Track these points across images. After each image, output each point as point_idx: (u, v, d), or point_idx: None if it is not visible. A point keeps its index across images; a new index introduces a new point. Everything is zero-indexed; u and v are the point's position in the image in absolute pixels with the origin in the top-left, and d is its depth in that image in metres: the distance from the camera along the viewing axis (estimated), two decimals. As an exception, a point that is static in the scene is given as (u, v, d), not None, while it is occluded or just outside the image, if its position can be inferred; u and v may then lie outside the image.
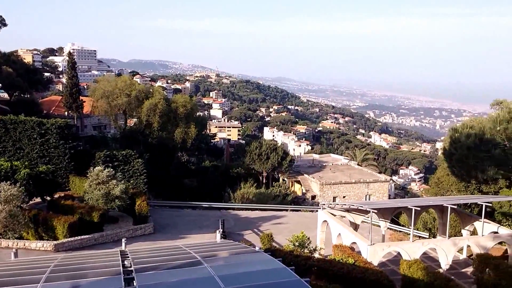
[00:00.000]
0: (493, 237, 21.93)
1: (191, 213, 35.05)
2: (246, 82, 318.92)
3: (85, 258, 14.66)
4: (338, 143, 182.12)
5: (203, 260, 12.55)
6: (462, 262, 24.00)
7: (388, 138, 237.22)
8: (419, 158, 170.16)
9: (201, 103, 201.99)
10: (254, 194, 41.16)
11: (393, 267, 22.20)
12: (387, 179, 62.47)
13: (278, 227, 31.37)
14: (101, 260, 13.84)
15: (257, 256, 14.46)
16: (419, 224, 32.01)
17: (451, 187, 32.95)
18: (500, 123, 20.97)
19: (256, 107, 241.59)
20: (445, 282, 16.75)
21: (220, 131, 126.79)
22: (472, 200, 25.46)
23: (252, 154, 56.06)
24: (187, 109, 49.32)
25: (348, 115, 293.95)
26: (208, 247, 16.64)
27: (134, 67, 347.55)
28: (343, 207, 25.08)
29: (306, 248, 21.87)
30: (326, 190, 55.46)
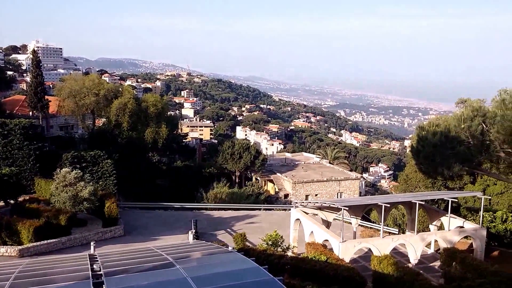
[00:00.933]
0: (459, 232, 22.61)
1: (163, 214, 34.55)
2: (218, 81, 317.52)
3: (52, 263, 14.21)
4: (310, 141, 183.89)
5: (175, 262, 12.40)
6: (430, 256, 24.63)
7: (359, 137, 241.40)
8: (389, 156, 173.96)
9: (172, 102, 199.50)
10: (227, 193, 40.97)
11: (365, 263, 22.56)
12: (358, 176, 63.55)
13: (252, 226, 31.33)
14: (69, 265, 13.45)
15: (230, 256, 14.45)
16: (389, 220, 32.70)
17: (419, 183, 33.85)
18: (464, 121, 21.57)
19: (228, 106, 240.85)
20: (414, 276, 17.12)
21: (192, 131, 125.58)
22: (439, 196, 26.17)
23: (224, 153, 55.86)
24: (157, 109, 48.65)
25: (319, 114, 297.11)
26: (180, 249, 16.44)
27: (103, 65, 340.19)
28: (315, 205, 25.31)
29: (280, 247, 21.93)
30: (298, 189, 55.86)
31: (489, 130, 20.61)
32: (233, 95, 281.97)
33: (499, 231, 24.89)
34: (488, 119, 20.50)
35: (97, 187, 29.54)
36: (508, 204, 29.48)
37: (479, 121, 20.94)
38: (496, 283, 16.46)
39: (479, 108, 21.17)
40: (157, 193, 43.72)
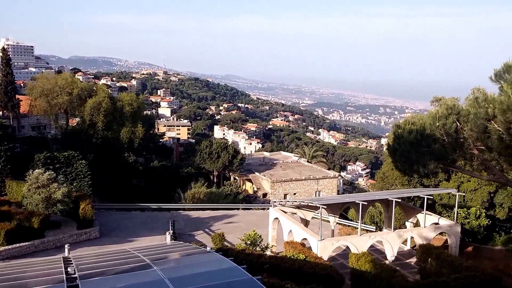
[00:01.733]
0: (434, 228, 23.03)
1: (140, 215, 34.01)
2: (195, 80, 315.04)
3: (25, 267, 13.82)
4: (288, 140, 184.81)
5: (152, 263, 12.23)
6: (407, 253, 25.01)
7: (336, 135, 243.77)
8: (366, 154, 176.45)
9: (149, 101, 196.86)
10: (205, 193, 40.65)
11: (343, 260, 22.72)
12: (335, 175, 64.15)
13: (230, 226, 31.18)
14: (42, 268, 13.07)
15: (209, 257, 14.32)
16: (366, 218, 33.05)
17: (396, 181, 34.34)
18: (439, 119, 21.89)
19: (205, 105, 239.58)
20: (391, 273, 17.32)
21: (169, 130, 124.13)
22: (415, 193, 26.60)
23: (202, 153, 55.48)
24: (133, 108, 47.83)
25: (297, 113, 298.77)
26: (157, 250, 16.25)
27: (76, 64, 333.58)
28: (293, 204, 25.36)
29: (258, 246, 21.88)
30: (277, 188, 55.99)
31: (463, 128, 20.98)
32: (210, 94, 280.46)
33: (473, 227, 25.49)
34: (462, 117, 20.87)
35: (71, 188, 28.85)
36: (482, 201, 30.20)
37: (453, 119, 21.29)
38: (470, 278, 16.82)
39: (453, 106, 21.54)
40: (133, 194, 43.11)
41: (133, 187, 45.71)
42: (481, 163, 23.24)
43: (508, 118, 16.52)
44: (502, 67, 17.63)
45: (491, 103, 17.98)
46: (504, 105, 16.48)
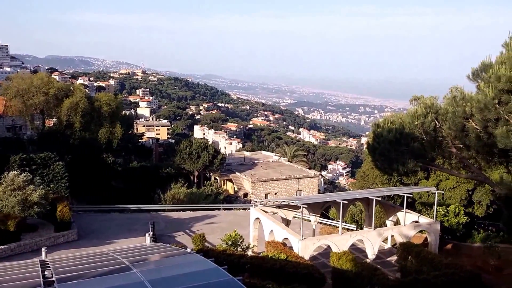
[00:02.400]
0: (414, 226, 23.27)
1: (119, 217, 33.43)
2: (174, 79, 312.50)
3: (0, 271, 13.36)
4: (269, 140, 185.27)
5: (132, 265, 12.06)
6: (387, 251, 25.21)
7: (317, 134, 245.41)
8: (346, 153, 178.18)
9: (127, 101, 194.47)
10: (185, 194, 40.23)
11: (324, 260, 22.74)
12: (316, 174, 64.48)
13: (211, 226, 30.94)
14: (19, 272, 12.79)
15: (189, 258, 14.19)
16: (347, 216, 33.25)
17: (376, 180, 34.67)
18: (418, 117, 22.14)
19: (185, 105, 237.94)
20: (372, 271, 17.40)
21: (148, 130, 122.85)
22: (395, 192, 26.88)
23: (182, 153, 54.98)
24: (111, 108, 47.07)
25: (278, 112, 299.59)
26: (137, 251, 15.99)
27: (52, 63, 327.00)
28: (274, 204, 25.28)
29: (239, 247, 21.72)
30: (258, 188, 55.93)
31: (442, 127, 21.27)
32: (190, 94, 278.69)
33: (452, 225, 25.86)
34: (441, 115, 21.15)
35: (48, 190, 28.17)
36: (460, 198, 30.73)
37: (432, 117, 21.57)
38: (449, 275, 17.03)
39: (431, 105, 21.82)
40: (112, 196, 42.32)
41: (112, 188, 44.90)
42: (459, 161, 23.60)
43: (485, 116, 16.77)
44: (479, 65, 17.89)
45: (468, 102, 18.22)
46: (481, 104, 16.71)
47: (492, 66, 16.86)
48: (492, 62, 17.28)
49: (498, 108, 16.11)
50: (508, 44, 16.75)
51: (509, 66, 15.59)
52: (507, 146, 16.72)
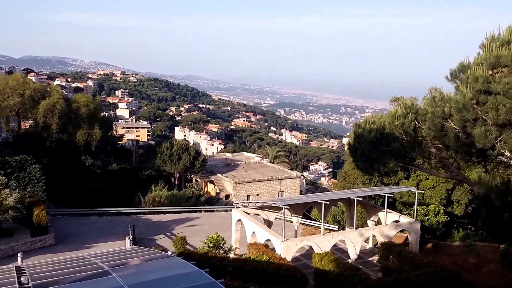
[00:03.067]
0: (395, 226, 23.45)
1: (98, 221, 32.80)
2: (154, 80, 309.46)
3: (-26, 278, 12.85)
4: (251, 141, 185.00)
5: (111, 270, 11.79)
6: (369, 251, 25.36)
7: (299, 135, 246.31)
8: (328, 154, 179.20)
9: (106, 102, 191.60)
10: (166, 196, 39.73)
11: (306, 261, 22.72)
12: (298, 175, 64.64)
13: (192, 229, 30.62)
14: (-7, 278, 12.24)
15: (170, 261, 13.96)
16: (329, 217, 33.37)
17: (357, 180, 34.91)
18: (398, 118, 22.31)
19: (166, 106, 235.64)
20: (353, 271, 17.44)
21: (128, 132, 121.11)
22: (376, 192, 27.06)
23: (163, 155, 54.40)
24: (90, 109, 46.21)
25: (259, 113, 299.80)
26: (116, 256, 15.64)
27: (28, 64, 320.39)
28: (256, 205, 25.12)
29: (221, 249, 21.48)
30: (239, 189, 55.73)
31: (421, 127, 21.47)
32: (170, 95, 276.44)
33: (432, 224, 26.18)
34: (420, 116, 21.36)
35: (24, 194, 27.33)
36: (440, 198, 31.17)
37: (411, 118, 21.76)
38: (430, 274, 17.19)
39: (411, 106, 22.02)
40: (91, 199, 41.49)
41: (90, 191, 44.03)
42: (438, 161, 23.89)
43: (463, 116, 16.97)
44: (458, 66, 18.11)
45: (447, 102, 18.43)
46: (459, 104, 16.91)
47: (470, 67, 17.10)
48: (470, 63, 17.52)
49: (476, 108, 16.34)
50: (485, 45, 17.02)
51: (486, 67, 15.83)
52: (485, 145, 16.98)
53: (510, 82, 14.73)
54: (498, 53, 15.52)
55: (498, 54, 15.51)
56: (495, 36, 17.01)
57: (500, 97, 15.21)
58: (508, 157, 18.39)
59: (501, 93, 15.13)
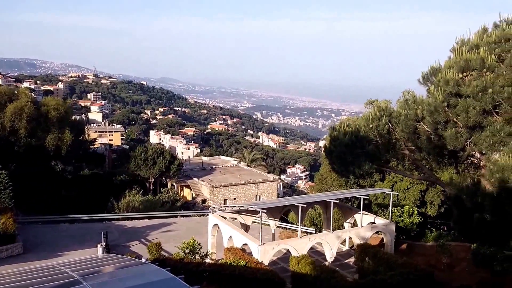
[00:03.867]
0: (371, 227, 23.62)
1: (69, 228, 31.84)
2: (128, 83, 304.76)
3: None
4: (228, 144, 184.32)
5: (82, 279, 11.55)
6: (345, 253, 25.49)
7: (276, 138, 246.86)
8: (305, 157, 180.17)
9: (78, 106, 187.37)
10: (141, 202, 38.99)
11: (284, 264, 22.63)
12: (275, 178, 64.70)
13: (168, 234, 30.12)
14: (-45, 292, 11.70)
15: (143, 268, 13.76)
16: (306, 220, 33.41)
17: (334, 182, 35.18)
18: (373, 120, 22.57)
19: (140, 110, 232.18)
20: (330, 274, 17.44)
21: (101, 136, 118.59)
22: (352, 194, 27.20)
23: (137, 159, 53.48)
24: (60, 113, 44.87)
25: (236, 116, 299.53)
26: (88, 264, 15.20)
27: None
28: (233, 209, 24.88)
29: (197, 254, 21.13)
30: (216, 193, 55.34)
31: (395, 129, 21.78)
32: (145, 98, 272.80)
33: (406, 225, 26.50)
34: (394, 118, 21.66)
35: (-11, 201, 26.33)
36: (414, 199, 31.75)
37: (385, 120, 22.04)
38: (405, 275, 17.36)
39: (385, 108, 22.32)
40: (62, 205, 40.30)
41: (61, 198, 42.77)
42: (412, 162, 24.27)
43: (435, 119, 17.28)
44: (429, 70, 18.47)
45: (420, 105, 18.73)
46: (431, 107, 17.21)
47: (441, 70, 17.47)
48: (441, 67, 17.91)
49: (447, 111, 16.66)
50: (455, 49, 17.42)
51: (457, 70, 16.17)
52: (455, 147, 17.35)
53: (479, 85, 15.07)
54: (467, 57, 15.89)
55: (467, 58, 15.88)
56: (465, 41, 17.46)
57: (469, 99, 15.56)
58: (478, 159, 18.82)
59: (471, 96, 15.49)
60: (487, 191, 14.37)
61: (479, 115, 15.55)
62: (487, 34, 16.76)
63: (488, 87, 14.85)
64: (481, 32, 17.27)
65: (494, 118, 15.69)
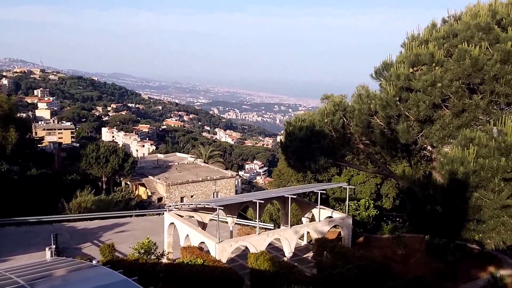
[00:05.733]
0: (328, 222, 23.86)
1: (15, 231, 30.00)
2: (78, 78, 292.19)
3: None
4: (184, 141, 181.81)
5: (28, 285, 11.00)
6: (304, 248, 25.65)
7: (233, 134, 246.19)
8: (263, 152, 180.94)
9: (24, 102, 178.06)
10: (93, 202, 37.45)
11: (242, 261, 22.43)
12: (233, 175, 64.43)
13: (122, 235, 29.11)
14: None
15: (94, 271, 13.32)
16: (265, 216, 33.39)
17: (291, 177, 35.38)
18: (327, 115, 22.79)
19: (91, 106, 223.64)
20: (289, 269, 17.45)
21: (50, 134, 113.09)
22: (309, 189, 27.43)
23: (88, 158, 51.47)
24: (3, 110, 42.38)
25: (192, 112, 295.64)
26: (34, 268, 14.40)
27: None
28: (190, 207, 24.38)
29: (153, 254, 20.50)
30: (173, 191, 54.35)
31: (350, 124, 22.10)
32: (96, 94, 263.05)
33: (363, 218, 27.07)
34: (348, 113, 21.96)
35: None
36: (370, 192, 32.51)
37: (340, 115, 22.32)
38: (362, 267, 17.65)
39: (340, 103, 22.58)
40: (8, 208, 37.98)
41: (7, 200, 40.28)
42: (366, 156, 24.77)
43: (388, 113, 17.59)
44: (381, 65, 18.75)
45: (373, 99, 19.07)
46: (383, 101, 17.51)
47: (392, 65, 17.78)
48: (393, 62, 18.24)
49: (399, 105, 17.00)
50: (406, 44, 17.78)
51: (408, 65, 16.49)
52: (408, 140, 17.76)
53: (428, 79, 15.43)
54: (417, 52, 16.23)
55: (417, 52, 16.21)
56: (415, 36, 17.86)
57: (420, 94, 15.92)
58: (430, 152, 19.43)
59: (421, 90, 15.84)
60: (438, 183, 14.77)
61: (429, 109, 15.94)
62: (436, 30, 17.23)
63: (437, 82, 15.23)
64: (430, 27, 17.74)
65: (444, 112, 16.16)
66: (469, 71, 14.61)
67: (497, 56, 14.20)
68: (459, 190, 13.27)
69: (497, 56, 14.20)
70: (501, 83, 14.38)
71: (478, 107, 15.43)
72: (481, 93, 15.25)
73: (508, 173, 12.39)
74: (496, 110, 15.60)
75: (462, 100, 15.42)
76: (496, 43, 14.62)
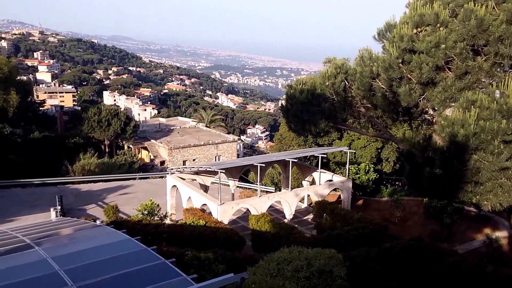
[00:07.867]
0: (329, 185, 24.12)
1: (20, 193, 30.52)
2: (77, 41, 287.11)
3: None
4: (186, 105, 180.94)
5: (34, 243, 11.05)
6: (304, 210, 26.06)
7: (235, 99, 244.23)
8: (265, 117, 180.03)
9: (24, 65, 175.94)
10: (96, 164, 37.88)
11: (243, 223, 22.88)
12: (235, 139, 64.57)
13: (125, 197, 29.59)
14: None
15: (98, 231, 13.48)
16: (266, 179, 33.72)
17: (293, 142, 35.43)
18: (329, 78, 22.49)
19: (92, 69, 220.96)
20: (289, 231, 17.80)
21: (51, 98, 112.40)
22: (310, 153, 27.54)
23: (90, 121, 51.51)
24: (4, 73, 42.09)
25: (194, 76, 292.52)
26: (40, 228, 14.67)
27: None
28: (192, 170, 24.64)
29: (156, 216, 20.91)
30: (175, 155, 54.69)
31: (351, 87, 21.87)
32: (97, 57, 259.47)
33: (363, 182, 27.30)
34: (350, 76, 21.66)
35: None
36: (370, 156, 32.59)
37: (341, 77, 22.04)
38: (360, 229, 18.01)
39: (341, 66, 22.23)
40: (12, 170, 38.43)
41: (11, 162, 40.70)
42: (367, 120, 24.66)
43: (390, 75, 17.36)
44: (384, 26, 18.32)
45: (375, 62, 18.71)
46: (386, 63, 17.24)
47: (396, 26, 17.37)
48: (396, 22, 17.81)
49: (402, 67, 16.76)
50: (411, 4, 17.30)
51: (411, 25, 16.11)
52: (409, 104, 17.62)
53: (432, 40, 15.11)
54: (422, 12, 15.80)
55: (421, 12, 15.79)
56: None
57: (423, 55, 15.64)
58: (431, 115, 19.33)
59: (424, 52, 15.55)
60: (437, 146, 14.78)
61: (432, 71, 15.71)
62: (442, -12, 16.68)
63: (441, 43, 14.93)
64: (436, -14, 17.17)
65: (447, 74, 15.95)
66: (474, 32, 14.30)
67: (503, 16, 13.87)
68: (458, 152, 13.30)
69: (503, 16, 13.87)
70: (506, 45, 14.11)
71: (481, 69, 15.21)
72: (485, 54, 14.99)
73: (508, 135, 12.38)
74: (500, 72, 15.39)
75: (465, 62, 15.17)
76: (503, 2, 14.23)
